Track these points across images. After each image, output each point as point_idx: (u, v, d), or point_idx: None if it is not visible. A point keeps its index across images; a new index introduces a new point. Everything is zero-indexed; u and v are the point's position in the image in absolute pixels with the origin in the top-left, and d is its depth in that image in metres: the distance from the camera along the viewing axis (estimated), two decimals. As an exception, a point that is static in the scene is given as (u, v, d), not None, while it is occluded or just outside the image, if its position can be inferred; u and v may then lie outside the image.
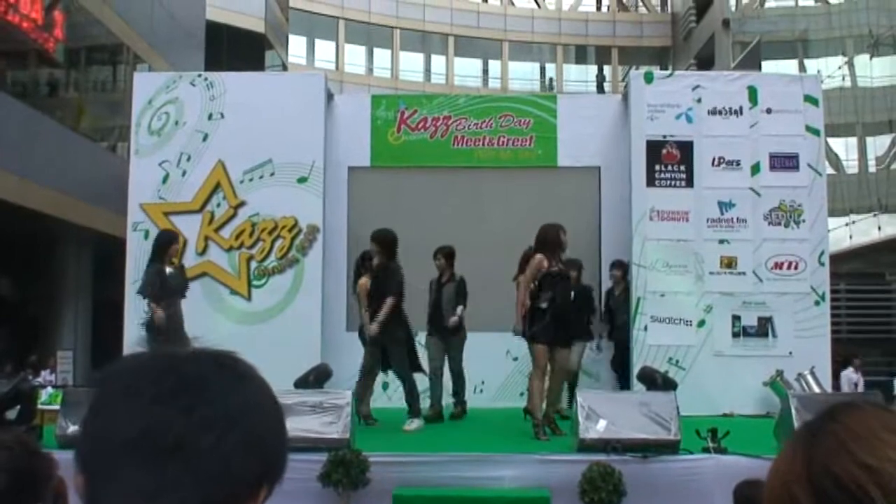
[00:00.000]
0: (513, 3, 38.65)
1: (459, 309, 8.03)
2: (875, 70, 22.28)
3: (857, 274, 18.54)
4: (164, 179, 9.76)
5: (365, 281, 7.90)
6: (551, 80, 38.60)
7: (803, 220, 9.18)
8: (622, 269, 9.20)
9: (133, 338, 8.80)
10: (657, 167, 9.63)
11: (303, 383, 7.15)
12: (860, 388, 12.57)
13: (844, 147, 23.05)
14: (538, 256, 7.27)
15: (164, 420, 0.76)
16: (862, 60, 22.74)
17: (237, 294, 9.27)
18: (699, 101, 9.85)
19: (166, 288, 7.36)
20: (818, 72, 19.71)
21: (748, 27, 27.81)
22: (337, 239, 10.03)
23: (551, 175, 10.29)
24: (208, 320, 8.43)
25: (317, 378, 7.42)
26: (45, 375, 14.06)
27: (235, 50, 23.43)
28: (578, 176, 10.24)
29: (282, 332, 8.75)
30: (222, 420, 0.78)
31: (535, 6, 39.01)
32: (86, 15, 15.84)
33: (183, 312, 7.30)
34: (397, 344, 7.46)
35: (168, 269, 7.50)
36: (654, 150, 9.69)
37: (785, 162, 9.22)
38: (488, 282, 9.44)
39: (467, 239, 9.59)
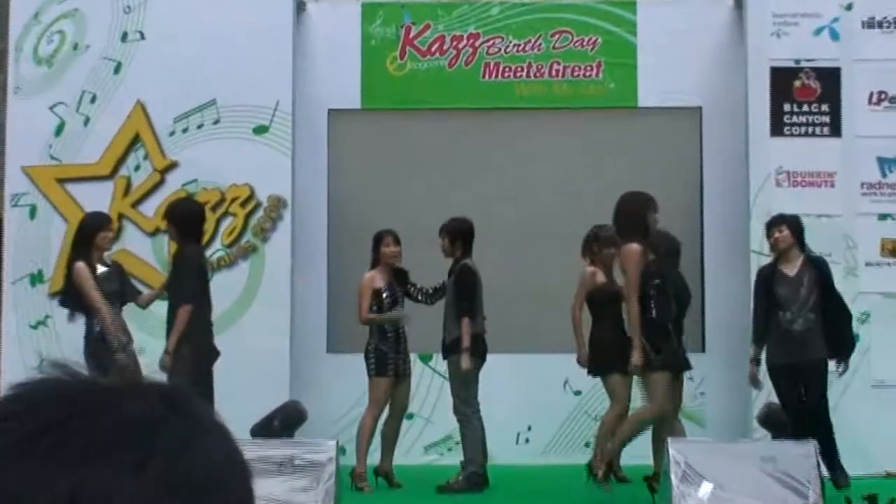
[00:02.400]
0: None
1: (466, 323, 8.35)
2: None
3: None
4: (58, 130, 10.03)
5: (373, 275, 8.53)
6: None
7: None
8: (793, 227, 8.21)
9: (13, 360, 9.26)
10: (787, 107, 9.77)
11: (264, 430, 7.28)
12: None
13: None
14: (634, 248, 7.52)
15: (100, 485, 0.77)
16: None
17: (164, 299, 9.12)
18: (849, 7, 9.86)
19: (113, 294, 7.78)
20: None
21: None
22: (312, 217, 10.22)
23: (629, 120, 10.45)
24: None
25: (284, 423, 7.51)
26: None
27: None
28: (669, 121, 10.40)
29: (231, 354, 8.61)
30: (184, 486, 0.79)
31: None
32: None
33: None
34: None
35: (100, 269, 7.80)
36: (783, 81, 9.79)
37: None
38: (535, 279, 9.67)
39: (503, 215, 9.92)
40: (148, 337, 8.38)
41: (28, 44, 10.09)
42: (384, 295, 8.60)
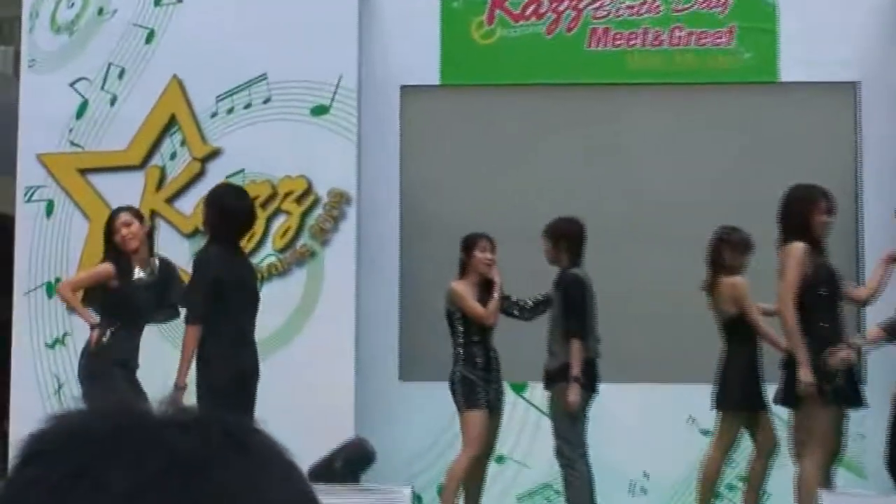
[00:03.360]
0: None
1: (576, 347, 8.25)
2: None
3: None
4: (80, 111, 9.98)
5: (463, 287, 8.47)
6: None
7: None
8: None
9: (27, 385, 9.25)
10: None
11: (323, 472, 7.23)
12: None
13: None
14: (797, 245, 7.43)
15: None
16: None
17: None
18: None
19: (130, 306, 7.83)
20: None
21: None
22: (381, 215, 10.14)
23: (768, 97, 10.26)
24: (152, 358, 8.22)
25: (348, 464, 7.49)
26: None
27: None
28: (817, 98, 10.21)
29: (283, 381, 8.62)
30: None
31: None
32: None
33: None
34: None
35: (137, 274, 7.93)
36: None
37: None
38: (654, 290, 9.44)
39: (612, 212, 9.78)
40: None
41: (45, 8, 10.09)
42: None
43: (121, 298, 7.82)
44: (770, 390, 7.98)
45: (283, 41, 9.76)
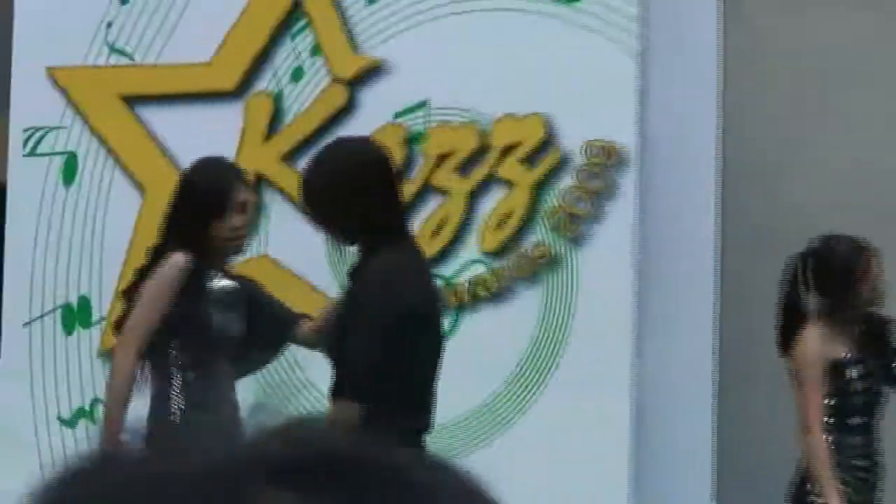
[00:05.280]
0: None
1: None
2: None
3: None
4: None
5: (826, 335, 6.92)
6: None
7: None
8: None
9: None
10: None
11: None
12: None
13: None
14: None
15: None
16: None
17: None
18: None
19: (207, 330, 6.27)
20: None
21: None
22: (688, 190, 7.52)
23: None
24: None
25: None
26: None
27: None
28: None
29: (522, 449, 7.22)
30: None
31: None
32: None
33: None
34: None
35: (219, 282, 6.30)
36: None
37: None
38: None
39: None
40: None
41: None
42: (849, 371, 6.57)
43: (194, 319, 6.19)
44: None
45: None
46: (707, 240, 7.62)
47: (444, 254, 7.35)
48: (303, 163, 6.86)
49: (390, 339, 5.20)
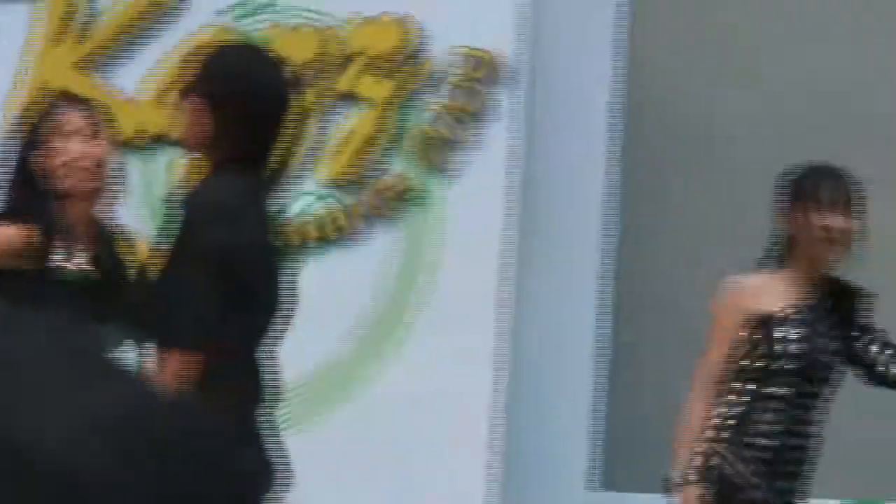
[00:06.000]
0: None
1: None
2: None
3: None
4: None
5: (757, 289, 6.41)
6: None
7: None
8: None
9: None
10: None
11: None
12: None
13: None
14: None
15: None
16: None
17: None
18: None
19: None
20: None
21: None
22: (579, 112, 7.13)
23: None
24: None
25: None
26: None
27: None
28: None
29: (374, 431, 6.88)
30: None
31: None
32: None
33: None
34: None
35: (76, 261, 5.99)
36: None
37: None
38: None
39: None
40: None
41: None
42: (779, 330, 5.89)
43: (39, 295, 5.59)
44: None
45: None
46: (597, 169, 6.85)
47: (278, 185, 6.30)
48: (112, 76, 6.51)
49: (225, 275, 4.67)
